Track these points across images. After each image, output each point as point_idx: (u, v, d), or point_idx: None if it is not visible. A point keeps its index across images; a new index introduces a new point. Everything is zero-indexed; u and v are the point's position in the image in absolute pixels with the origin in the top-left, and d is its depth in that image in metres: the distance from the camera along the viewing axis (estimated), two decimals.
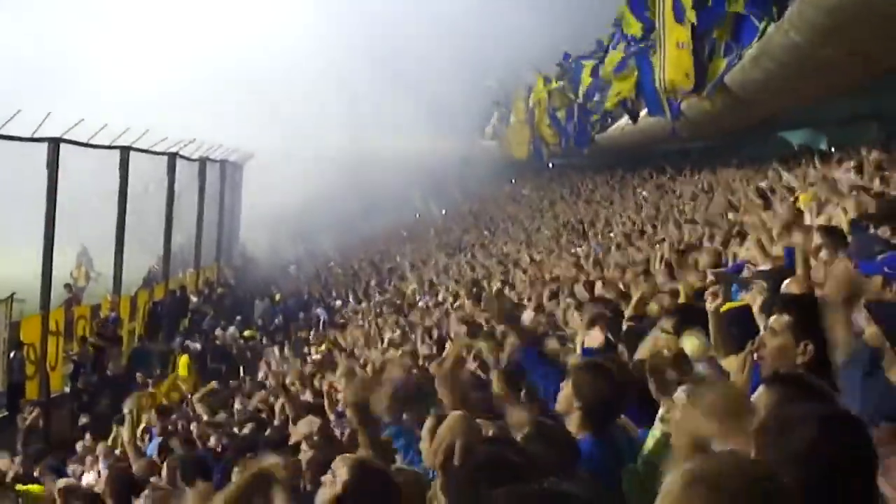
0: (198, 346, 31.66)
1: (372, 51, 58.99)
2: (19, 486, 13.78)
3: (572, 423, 6.24)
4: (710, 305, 7.16)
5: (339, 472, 5.26)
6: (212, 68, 58.46)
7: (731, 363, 6.16)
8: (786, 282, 7.92)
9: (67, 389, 28.77)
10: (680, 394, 5.52)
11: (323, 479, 5.35)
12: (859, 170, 17.16)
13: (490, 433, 5.61)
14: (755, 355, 5.71)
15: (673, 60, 26.02)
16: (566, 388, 6.42)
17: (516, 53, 55.05)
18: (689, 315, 7.91)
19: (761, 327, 6.61)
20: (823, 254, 9.11)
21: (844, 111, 27.90)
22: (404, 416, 7.31)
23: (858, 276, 5.80)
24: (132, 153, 34.32)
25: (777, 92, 22.74)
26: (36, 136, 28.36)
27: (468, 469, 4.23)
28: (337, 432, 9.97)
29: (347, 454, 5.94)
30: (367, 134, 63.70)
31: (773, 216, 12.95)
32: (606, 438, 6.23)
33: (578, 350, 9.40)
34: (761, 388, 4.67)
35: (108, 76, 54.65)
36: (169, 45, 59.28)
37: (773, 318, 5.88)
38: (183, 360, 29.01)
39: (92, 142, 31.32)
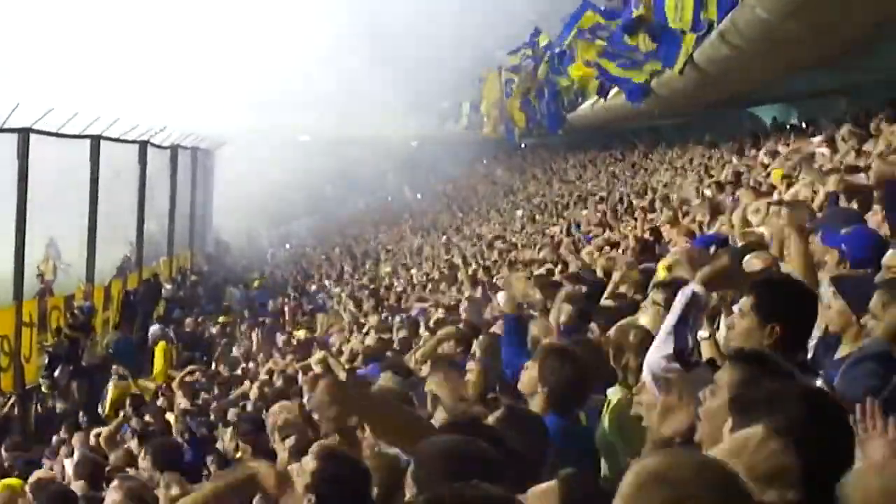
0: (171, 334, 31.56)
1: (345, 32, 58.86)
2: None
3: (536, 404, 6.26)
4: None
5: (307, 461, 5.26)
6: (182, 53, 58.36)
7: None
8: (747, 257, 7.89)
9: (42, 381, 28.69)
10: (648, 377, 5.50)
11: (292, 468, 5.34)
12: (831, 144, 17.23)
13: (460, 418, 5.59)
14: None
15: None
16: (531, 371, 6.42)
17: (488, 32, 55.09)
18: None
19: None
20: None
21: (813, 85, 27.95)
22: None
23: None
24: (103, 142, 34.17)
25: (745, 68, 22.76)
26: (5, 126, 28.22)
27: (437, 456, 4.20)
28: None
29: (317, 442, 5.94)
30: (340, 117, 63.66)
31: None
32: (570, 417, 6.25)
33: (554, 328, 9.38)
34: (725, 366, 4.66)
35: (77, 64, 54.40)
36: (138, 31, 59.03)
37: (742, 299, 5.87)
38: (159, 347, 28.93)
39: (62, 131, 31.16)
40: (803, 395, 3.69)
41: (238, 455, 11.06)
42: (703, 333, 5.97)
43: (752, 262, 7.65)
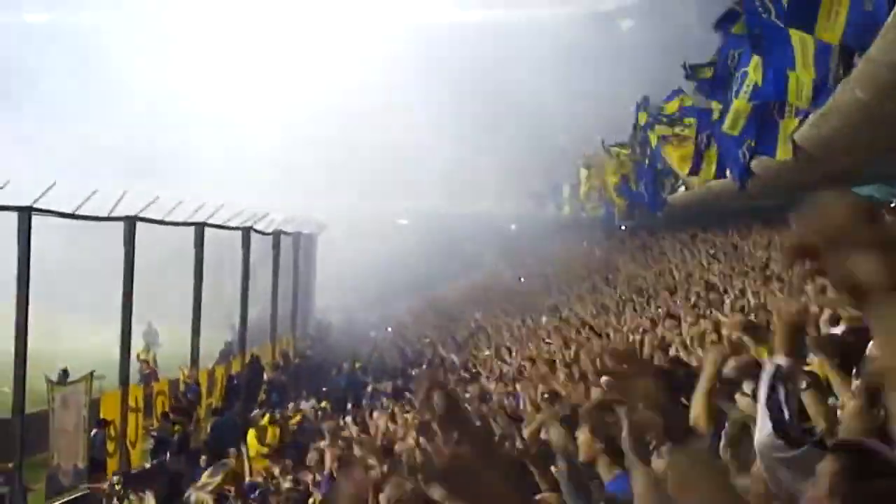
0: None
1: (443, 116, 59.31)
2: None
3: (601, 468, 6.27)
4: None
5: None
6: (285, 141, 59.18)
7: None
8: (871, 342, 7.82)
9: (147, 465, 28.97)
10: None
11: None
12: None
13: None
14: None
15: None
16: (582, 436, 6.44)
17: (589, 114, 55.21)
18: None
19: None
20: None
21: None
22: None
23: None
24: (207, 228, 34.72)
25: (845, 148, 22.65)
26: (112, 214, 28.80)
27: None
28: None
29: None
30: (437, 198, 64.06)
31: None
32: None
33: None
34: (828, 456, 4.65)
35: (181, 154, 55.42)
36: (240, 120, 60.03)
37: (859, 379, 5.89)
38: (251, 432, 29.19)
39: (167, 219, 31.74)
40: None
41: None
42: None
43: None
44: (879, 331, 2.66)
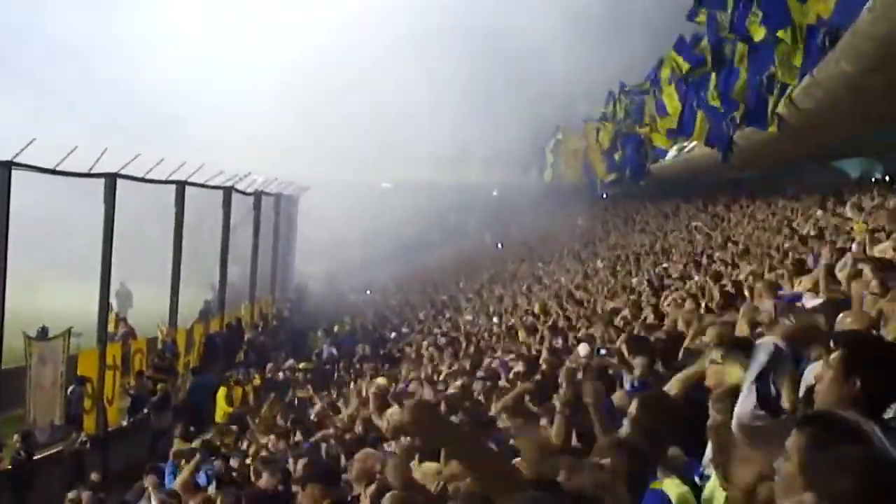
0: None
1: (429, 83, 59.12)
2: None
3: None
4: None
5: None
6: (267, 101, 58.91)
7: None
8: (840, 315, 7.84)
9: (125, 423, 28.95)
10: None
11: None
12: None
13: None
14: None
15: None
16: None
17: (571, 86, 55.10)
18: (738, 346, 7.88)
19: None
20: (874, 287, 9.01)
21: None
22: None
23: None
24: (188, 187, 34.60)
25: (830, 121, 22.62)
26: (93, 171, 28.65)
27: None
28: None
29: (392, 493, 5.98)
30: (423, 165, 63.98)
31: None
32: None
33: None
34: (794, 430, 4.64)
35: (164, 111, 55.14)
36: (224, 79, 59.75)
37: (833, 354, 5.86)
38: (220, 392, 29.37)
39: (148, 177, 31.59)
40: (864, 462, 3.64)
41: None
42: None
43: (846, 322, 7.60)
44: None
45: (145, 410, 28.24)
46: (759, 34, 23.00)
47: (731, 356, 7.42)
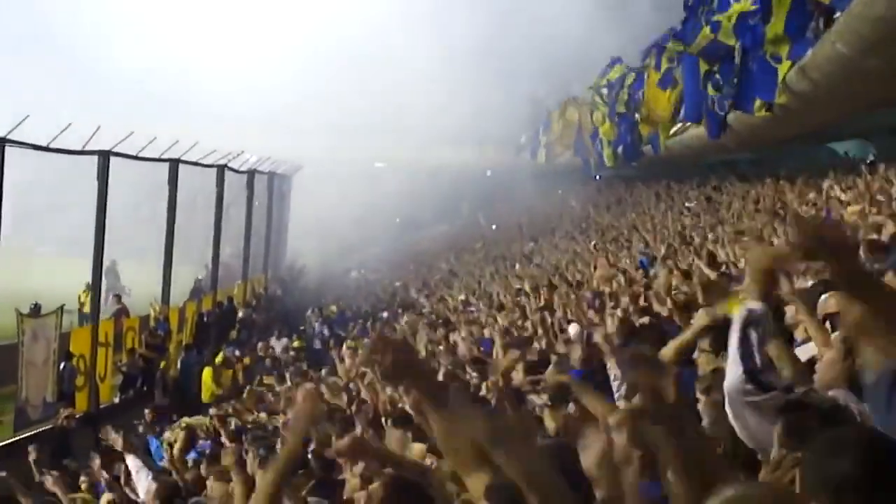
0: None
1: (421, 61, 59.06)
2: (70, 496, 13.84)
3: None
4: None
5: (374, 489, 5.32)
6: (261, 80, 58.87)
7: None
8: (823, 297, 7.83)
9: (117, 400, 29.01)
10: None
11: (356, 496, 5.40)
12: None
13: None
14: None
15: None
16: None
17: (565, 64, 55.08)
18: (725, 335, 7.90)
19: None
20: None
21: (893, 122, 27.71)
22: None
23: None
24: (181, 165, 34.55)
25: (824, 103, 22.64)
26: (86, 148, 28.60)
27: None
28: None
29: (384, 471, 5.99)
30: (414, 144, 63.97)
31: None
32: None
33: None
34: (779, 420, 4.69)
35: (157, 89, 55.07)
36: (217, 57, 59.65)
37: (836, 334, 5.90)
38: (206, 371, 29.48)
39: (141, 154, 31.54)
40: (855, 445, 3.63)
41: None
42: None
43: (829, 303, 7.60)
44: None
45: (143, 387, 28.35)
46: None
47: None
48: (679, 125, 33.59)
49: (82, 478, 15.54)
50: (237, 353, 32.15)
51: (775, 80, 22.83)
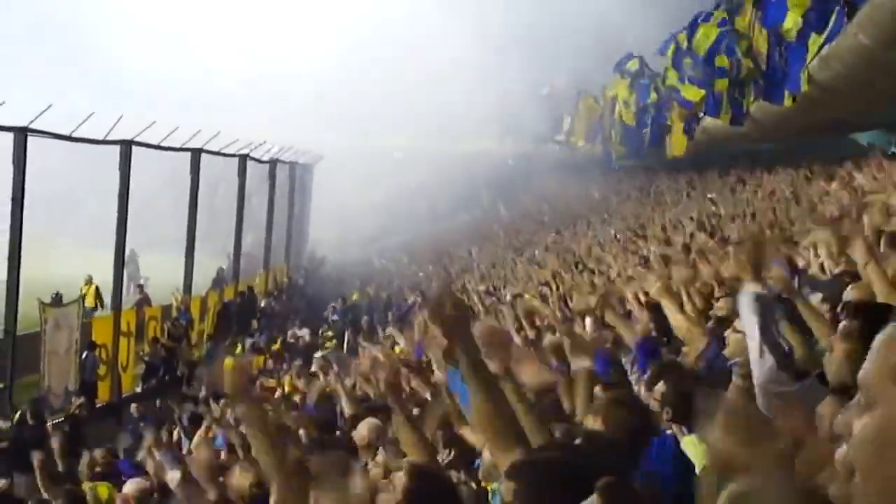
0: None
1: (441, 52, 58.98)
2: (87, 484, 13.81)
3: None
4: None
5: (398, 478, 5.34)
6: (283, 69, 58.90)
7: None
8: (849, 288, 7.80)
9: (139, 390, 29.12)
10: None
11: (380, 485, 5.42)
12: None
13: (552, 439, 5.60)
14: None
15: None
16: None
17: (585, 55, 54.96)
18: None
19: None
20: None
21: None
22: None
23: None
24: (203, 155, 34.63)
25: (846, 94, 22.56)
26: (108, 138, 28.68)
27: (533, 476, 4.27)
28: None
29: (407, 460, 6.02)
30: (435, 134, 63.91)
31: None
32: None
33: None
34: (828, 399, 4.66)
35: (179, 78, 55.15)
36: (239, 47, 59.74)
37: (842, 323, 5.85)
38: (227, 362, 29.34)
39: (163, 144, 31.61)
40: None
41: None
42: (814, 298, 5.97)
43: (852, 294, 7.55)
44: None
45: (165, 377, 28.49)
46: None
47: None
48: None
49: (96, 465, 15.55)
50: (263, 339, 32.20)
51: (800, 75, 22.84)
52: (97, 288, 31.63)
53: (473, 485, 6.53)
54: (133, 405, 23.09)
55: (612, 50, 47.44)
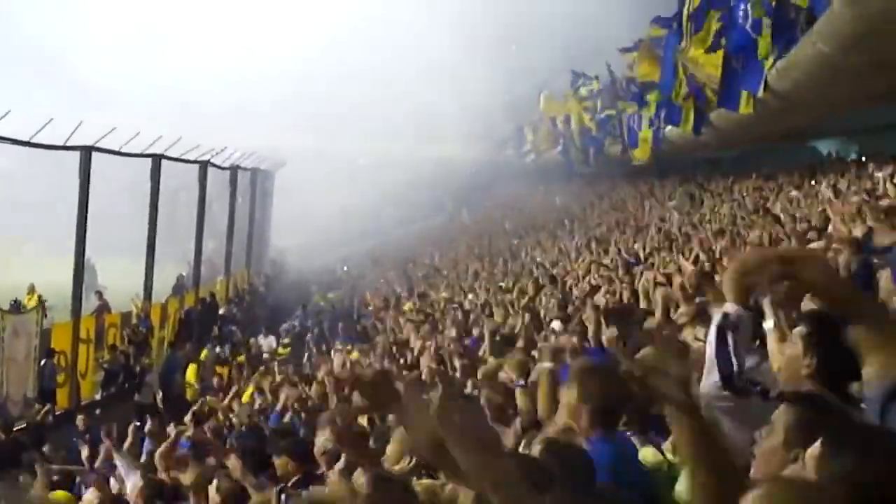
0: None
1: (404, 57, 59.06)
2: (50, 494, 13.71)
3: (582, 424, 6.17)
4: None
5: (359, 485, 5.32)
6: (244, 75, 58.80)
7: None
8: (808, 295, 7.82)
9: (98, 397, 28.91)
10: None
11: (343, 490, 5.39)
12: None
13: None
14: None
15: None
16: (568, 395, 6.35)
17: (552, 59, 55.13)
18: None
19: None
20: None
21: (877, 120, 27.78)
22: None
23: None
24: (164, 161, 34.48)
25: (806, 102, 22.70)
26: (68, 144, 28.52)
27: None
28: None
29: (365, 468, 5.98)
30: (398, 140, 63.96)
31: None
32: (615, 439, 6.16)
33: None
34: (781, 407, 4.68)
35: (140, 84, 54.98)
36: (201, 52, 59.57)
37: (795, 329, 5.89)
38: (190, 368, 29.30)
39: (124, 150, 31.46)
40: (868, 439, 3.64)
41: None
42: (767, 324, 6.00)
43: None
44: None
45: (125, 384, 28.30)
46: None
47: None
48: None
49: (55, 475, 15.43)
50: (224, 350, 32.08)
51: (762, 73, 22.88)
52: (40, 297, 31.31)
53: None
54: (80, 417, 22.74)
55: (582, 52, 47.64)
